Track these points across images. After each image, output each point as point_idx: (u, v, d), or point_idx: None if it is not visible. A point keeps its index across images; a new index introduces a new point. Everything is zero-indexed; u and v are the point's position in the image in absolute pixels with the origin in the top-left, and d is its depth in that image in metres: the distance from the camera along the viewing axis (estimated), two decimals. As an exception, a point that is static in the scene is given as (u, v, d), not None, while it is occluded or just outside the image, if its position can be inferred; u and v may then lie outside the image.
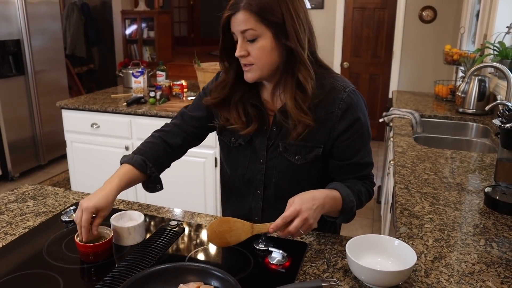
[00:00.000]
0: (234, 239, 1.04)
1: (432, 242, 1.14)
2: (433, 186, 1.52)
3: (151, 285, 0.91)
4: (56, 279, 0.99)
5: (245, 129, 1.19)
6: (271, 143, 1.21)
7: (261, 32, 1.05)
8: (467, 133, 2.61)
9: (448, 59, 3.19)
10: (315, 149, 1.17)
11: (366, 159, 1.21)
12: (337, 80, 1.16)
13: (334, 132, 1.15)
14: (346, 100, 1.14)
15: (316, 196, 1.05)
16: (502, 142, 1.36)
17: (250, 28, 1.05)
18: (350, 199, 1.12)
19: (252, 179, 1.26)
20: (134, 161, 1.20)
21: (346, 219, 1.17)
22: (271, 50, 1.07)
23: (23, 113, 4.24)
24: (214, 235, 1.04)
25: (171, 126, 1.33)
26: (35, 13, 4.23)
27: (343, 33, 5.26)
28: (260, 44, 1.07)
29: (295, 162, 1.19)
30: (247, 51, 1.08)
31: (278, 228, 1.01)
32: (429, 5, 4.87)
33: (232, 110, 1.20)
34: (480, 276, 0.99)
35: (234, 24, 1.07)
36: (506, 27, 2.72)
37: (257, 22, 1.04)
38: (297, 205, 1.01)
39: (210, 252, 1.13)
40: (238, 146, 1.25)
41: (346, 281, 0.98)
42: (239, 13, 1.05)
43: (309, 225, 1.01)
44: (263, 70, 1.11)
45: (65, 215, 1.27)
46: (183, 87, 3.18)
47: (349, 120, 1.14)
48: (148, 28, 6.59)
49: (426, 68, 4.99)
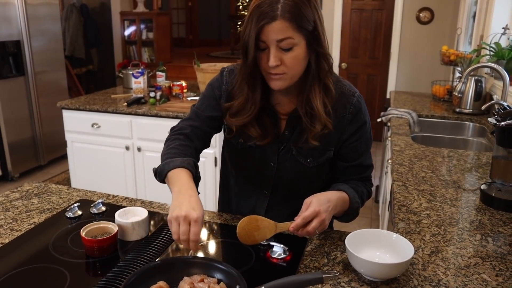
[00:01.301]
0: (261, 236, 1.07)
1: (429, 237, 1.17)
2: (430, 183, 1.55)
3: (157, 277, 0.93)
4: (63, 273, 1.01)
5: (262, 140, 1.19)
6: (282, 146, 1.22)
7: (298, 40, 1.03)
8: (463, 133, 2.64)
9: (445, 59, 3.22)
10: (327, 152, 1.20)
11: (368, 161, 1.26)
12: (345, 85, 1.20)
13: (344, 135, 1.19)
14: (356, 105, 1.18)
15: (330, 198, 1.09)
16: (497, 140, 1.39)
17: (289, 37, 1.01)
18: (356, 201, 1.18)
19: (259, 180, 1.27)
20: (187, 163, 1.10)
21: (349, 218, 1.22)
22: (303, 58, 1.07)
23: (23, 113, 4.26)
24: (243, 233, 1.05)
25: (189, 128, 1.24)
26: (35, 14, 4.26)
27: (341, 34, 5.30)
28: (295, 53, 1.04)
29: (307, 165, 1.21)
30: (280, 60, 1.05)
31: (298, 227, 1.03)
32: (426, 6, 4.91)
33: (249, 125, 1.18)
34: (476, 269, 1.02)
35: (270, 33, 1.01)
36: (502, 28, 2.76)
37: (295, 30, 1.01)
38: (316, 206, 1.04)
39: (212, 247, 1.15)
40: (248, 147, 1.24)
41: (345, 274, 1.01)
42: (276, 22, 1.00)
43: (324, 226, 1.05)
44: (293, 78, 1.10)
45: (69, 211, 1.30)
46: (182, 88, 3.21)
47: (357, 124, 1.19)
48: (147, 30, 6.61)
49: (423, 69, 5.03)
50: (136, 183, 3.05)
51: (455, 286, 0.95)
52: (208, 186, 2.92)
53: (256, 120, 1.18)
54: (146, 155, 2.96)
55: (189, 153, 1.17)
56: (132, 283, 0.90)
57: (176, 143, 1.19)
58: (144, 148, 2.95)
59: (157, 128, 2.86)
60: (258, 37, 1.03)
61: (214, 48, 10.43)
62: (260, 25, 1.01)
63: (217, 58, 8.49)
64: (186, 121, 1.27)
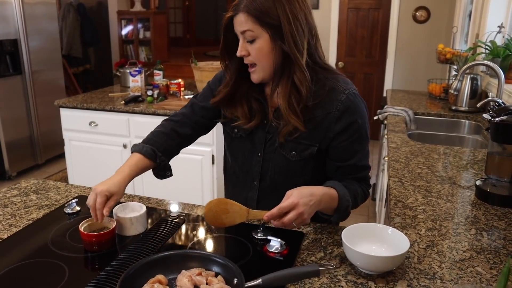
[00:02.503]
0: (229, 221, 1.08)
1: (425, 232, 1.18)
2: (426, 179, 1.57)
3: (155, 271, 0.94)
4: (61, 267, 1.02)
5: (248, 123, 1.23)
6: (269, 137, 1.24)
7: (258, 33, 1.10)
8: (459, 130, 2.66)
9: (441, 58, 3.24)
10: (310, 148, 1.20)
11: (363, 162, 1.23)
12: (339, 82, 1.19)
13: (330, 133, 1.18)
14: (345, 102, 1.16)
15: (314, 193, 1.07)
16: (492, 136, 1.40)
17: (248, 29, 1.09)
18: (346, 199, 1.14)
19: (250, 170, 1.30)
20: (144, 151, 1.27)
21: (340, 217, 1.19)
22: (269, 51, 1.11)
23: (20, 112, 4.26)
24: (210, 214, 1.08)
25: (180, 116, 1.38)
26: (32, 13, 4.25)
27: (338, 33, 5.31)
28: (258, 45, 1.11)
29: (290, 158, 1.22)
30: (247, 51, 1.13)
31: (272, 217, 1.03)
32: (422, 5, 4.94)
33: (238, 106, 1.25)
34: (471, 262, 1.04)
35: (235, 24, 1.12)
36: (497, 27, 2.78)
37: (255, 23, 1.09)
38: (294, 198, 1.03)
39: (210, 242, 1.16)
40: (240, 137, 1.29)
41: (342, 268, 1.02)
42: (239, 15, 1.10)
43: (303, 219, 1.04)
44: (265, 71, 1.15)
45: (68, 207, 1.30)
46: (180, 86, 3.21)
47: (346, 122, 1.16)
48: (144, 29, 6.61)
49: (420, 67, 5.05)
50: (134, 181, 3.05)
51: (450, 278, 0.97)
52: (205, 183, 2.93)
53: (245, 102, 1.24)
54: (143, 154, 2.96)
55: (165, 139, 1.33)
56: (131, 277, 0.91)
57: (157, 129, 1.37)
58: (142, 146, 2.95)
59: (155, 126, 2.85)
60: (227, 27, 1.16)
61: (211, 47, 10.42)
62: (228, 16, 1.13)
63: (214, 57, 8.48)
64: (182, 109, 1.40)
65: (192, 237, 1.18)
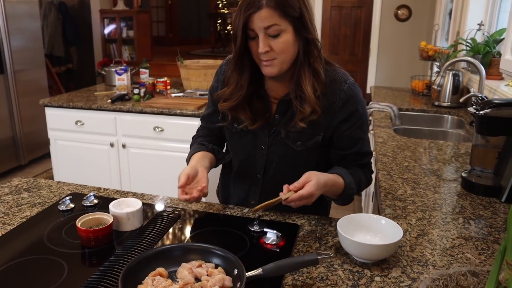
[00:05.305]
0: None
1: (415, 221, 1.22)
2: (413, 172, 1.61)
3: (155, 264, 0.95)
4: (60, 263, 1.02)
5: (253, 125, 1.25)
6: (273, 130, 1.27)
7: (284, 27, 1.10)
8: (442, 125, 2.73)
9: (423, 55, 3.31)
10: (316, 137, 1.24)
11: (366, 148, 1.29)
12: (338, 73, 1.23)
13: (333, 121, 1.22)
14: (347, 92, 1.21)
15: (328, 183, 1.14)
16: (476, 129, 1.45)
17: (275, 24, 1.08)
18: (351, 187, 1.22)
19: (252, 164, 1.32)
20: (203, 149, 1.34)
21: (344, 202, 1.28)
22: (292, 44, 1.13)
23: (3, 113, 4.18)
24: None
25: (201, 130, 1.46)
26: (14, 12, 4.18)
27: (321, 32, 5.36)
28: (283, 39, 1.11)
29: (295, 148, 1.25)
30: (270, 47, 1.12)
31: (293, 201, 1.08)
32: (404, 4, 5.02)
33: (239, 109, 1.24)
34: (460, 249, 1.08)
35: (257, 21, 1.09)
36: (477, 24, 2.86)
37: (280, 17, 1.08)
38: (313, 188, 1.08)
39: (206, 236, 1.18)
40: (240, 131, 1.30)
41: (337, 257, 1.05)
42: (262, 11, 1.07)
43: (308, 202, 1.10)
44: (284, 64, 1.15)
45: (62, 204, 1.30)
46: (166, 84, 3.21)
47: (349, 110, 1.21)
48: (127, 28, 6.56)
49: (403, 64, 5.14)
50: (121, 180, 3.04)
51: (441, 265, 1.00)
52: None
53: (247, 105, 1.24)
54: (131, 152, 2.95)
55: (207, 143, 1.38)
56: (132, 270, 0.92)
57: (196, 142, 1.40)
58: (129, 144, 2.94)
59: (142, 125, 2.86)
60: (246, 25, 1.11)
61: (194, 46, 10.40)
62: (248, 14, 1.09)
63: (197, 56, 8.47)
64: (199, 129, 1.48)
65: (188, 231, 1.19)
